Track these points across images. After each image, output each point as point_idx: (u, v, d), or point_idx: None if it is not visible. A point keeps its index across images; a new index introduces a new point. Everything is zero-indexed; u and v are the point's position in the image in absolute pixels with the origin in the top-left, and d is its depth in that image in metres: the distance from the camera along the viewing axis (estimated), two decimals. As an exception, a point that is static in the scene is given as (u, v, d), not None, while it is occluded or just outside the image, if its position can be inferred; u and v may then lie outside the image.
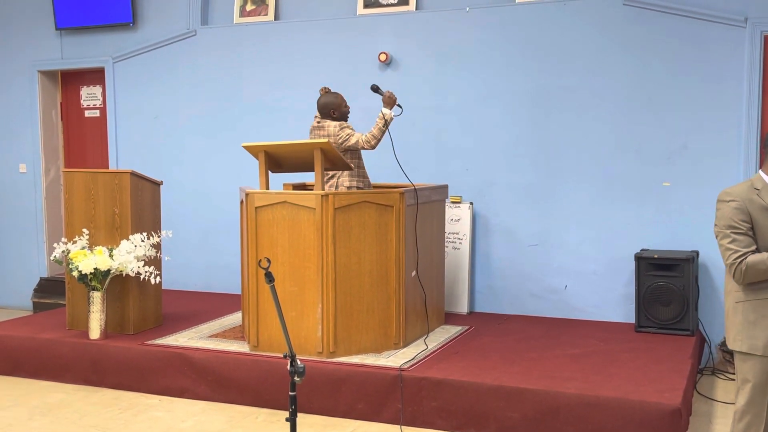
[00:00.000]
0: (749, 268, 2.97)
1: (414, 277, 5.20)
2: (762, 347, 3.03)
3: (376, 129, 5.03)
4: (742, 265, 2.98)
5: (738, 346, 3.10)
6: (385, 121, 5.03)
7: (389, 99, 5.10)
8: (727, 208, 3.04)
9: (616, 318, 5.88)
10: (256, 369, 4.83)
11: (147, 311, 5.68)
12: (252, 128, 6.89)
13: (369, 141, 5.04)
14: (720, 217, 3.07)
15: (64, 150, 7.99)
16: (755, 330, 3.05)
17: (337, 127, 5.14)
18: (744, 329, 3.08)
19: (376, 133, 5.03)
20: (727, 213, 3.04)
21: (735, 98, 5.52)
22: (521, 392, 4.27)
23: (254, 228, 4.93)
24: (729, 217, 3.03)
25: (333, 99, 5.26)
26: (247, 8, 6.99)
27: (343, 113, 5.29)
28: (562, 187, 6.00)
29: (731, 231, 3.02)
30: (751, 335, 3.06)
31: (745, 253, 2.98)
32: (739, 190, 3.07)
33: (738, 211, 3.02)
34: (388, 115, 5.05)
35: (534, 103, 6.04)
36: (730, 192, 3.08)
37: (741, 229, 3.01)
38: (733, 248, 3.01)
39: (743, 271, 2.98)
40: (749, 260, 2.97)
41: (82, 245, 5.42)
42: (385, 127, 5.03)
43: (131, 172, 5.51)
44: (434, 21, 6.30)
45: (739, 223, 3.01)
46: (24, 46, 7.75)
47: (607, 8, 5.80)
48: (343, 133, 5.11)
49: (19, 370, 5.53)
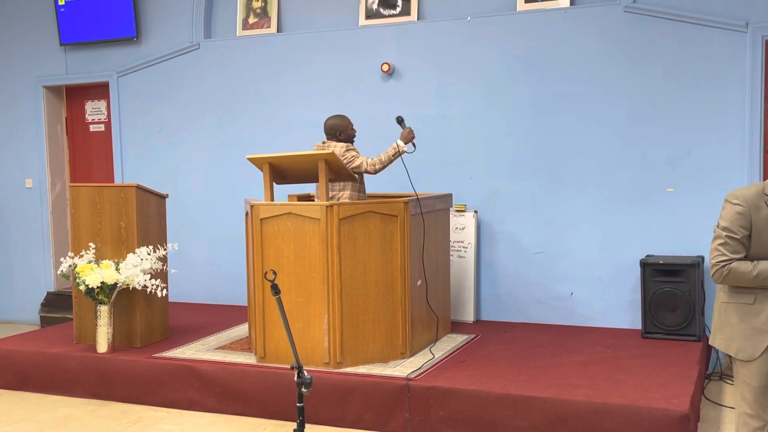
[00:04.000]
0: (732, 273, 3.05)
1: (419, 286, 5.21)
2: (735, 350, 3.12)
3: (385, 156, 5.15)
4: (725, 269, 3.06)
5: (718, 345, 3.21)
6: (396, 152, 5.15)
7: (408, 135, 5.25)
8: (731, 211, 3.06)
9: (622, 324, 5.87)
10: (263, 380, 4.84)
11: (154, 324, 5.69)
12: (256, 140, 6.92)
13: (374, 164, 5.13)
14: (722, 216, 3.10)
15: (69, 164, 8.03)
16: (733, 332, 3.14)
17: (342, 148, 5.19)
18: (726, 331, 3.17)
19: (383, 159, 5.14)
20: (730, 215, 3.06)
21: (737, 103, 5.52)
22: (529, 400, 4.26)
23: (260, 240, 4.95)
24: (729, 220, 3.06)
25: (340, 121, 5.32)
26: (249, 21, 7.03)
27: (350, 135, 5.35)
28: (567, 194, 6.00)
29: (726, 234, 3.06)
30: (730, 337, 3.15)
31: (731, 259, 3.05)
32: (748, 195, 3.06)
33: (740, 217, 3.04)
34: (401, 148, 5.19)
35: (537, 110, 6.06)
36: (738, 195, 3.08)
37: (736, 236, 3.05)
38: (722, 251, 3.07)
39: (724, 275, 3.07)
40: (734, 266, 3.04)
41: (88, 259, 5.44)
42: (394, 157, 5.16)
43: (137, 186, 5.53)
44: (436, 31, 6.33)
45: (737, 229, 3.05)
46: (29, 62, 7.81)
47: (608, 15, 5.82)
48: (348, 155, 5.16)
49: (28, 384, 5.55)
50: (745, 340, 3.09)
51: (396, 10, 6.52)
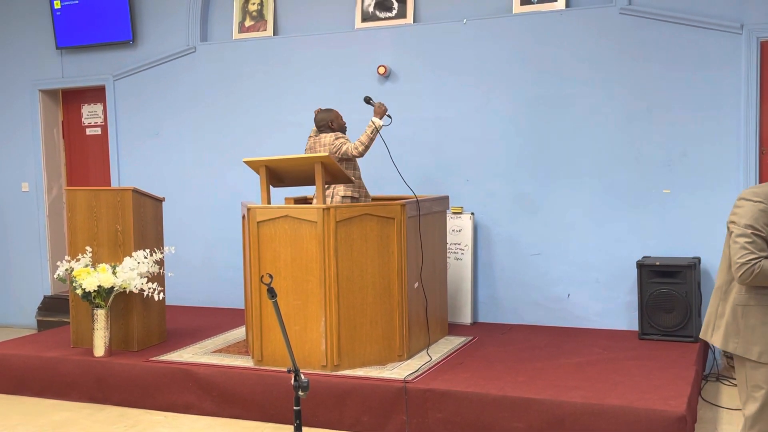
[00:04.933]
0: (762, 271, 2.96)
1: (417, 289, 5.21)
2: (758, 353, 3.03)
3: (365, 136, 5.22)
4: (756, 267, 2.96)
5: (732, 349, 3.11)
6: (373, 128, 5.23)
7: (379, 109, 5.35)
8: (753, 208, 3.00)
9: (619, 326, 5.88)
10: (260, 384, 4.84)
11: (151, 327, 5.69)
12: (252, 143, 6.92)
13: (357, 147, 5.21)
14: (742, 214, 3.02)
15: (66, 168, 8.02)
16: (754, 336, 3.05)
17: (332, 137, 5.32)
18: (744, 334, 3.08)
19: (363, 140, 5.21)
20: (752, 213, 3.00)
21: (733, 104, 5.54)
22: (526, 402, 4.27)
23: (256, 242, 4.95)
24: (753, 217, 2.99)
25: (328, 114, 5.47)
26: (246, 24, 7.03)
27: (341, 125, 5.48)
28: (563, 196, 6.01)
29: (752, 231, 2.99)
30: (749, 340, 3.06)
31: (759, 257, 2.97)
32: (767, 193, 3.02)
33: (764, 214, 2.98)
34: (377, 123, 5.27)
35: (533, 112, 6.07)
36: (758, 193, 3.03)
37: (762, 233, 2.98)
38: (750, 249, 2.98)
39: (754, 273, 2.97)
40: (764, 264, 2.96)
41: (85, 263, 5.44)
42: (373, 134, 5.23)
43: (133, 189, 5.53)
44: (432, 33, 6.33)
45: (762, 227, 2.98)
46: (25, 66, 7.80)
47: (604, 17, 5.84)
48: (337, 142, 5.28)
49: (25, 388, 5.54)
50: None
51: (392, 12, 6.53)
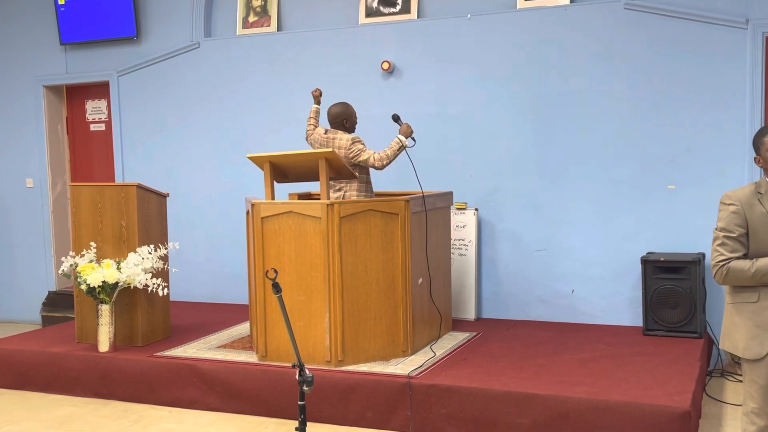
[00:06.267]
0: (731, 272, 3.09)
1: (420, 285, 5.21)
2: (742, 349, 3.12)
3: (391, 151, 5.17)
4: (724, 269, 3.11)
5: (725, 347, 3.23)
6: (400, 146, 5.19)
7: (407, 130, 5.29)
8: (726, 212, 3.13)
9: (623, 321, 5.87)
10: (265, 379, 4.84)
11: (155, 323, 5.70)
12: (256, 138, 6.92)
13: (382, 159, 5.14)
14: (719, 218, 3.17)
15: (70, 164, 8.03)
16: (739, 332, 3.15)
17: (349, 140, 5.20)
18: (732, 331, 3.19)
19: (390, 154, 5.16)
20: (725, 215, 3.13)
21: (737, 99, 5.52)
22: (530, 398, 4.27)
23: (261, 238, 4.95)
24: (725, 220, 3.13)
25: (344, 109, 5.34)
26: (249, 20, 7.02)
27: (353, 123, 5.39)
28: (567, 192, 6.00)
29: (723, 234, 3.12)
30: (736, 337, 3.16)
31: (729, 258, 3.10)
32: (741, 195, 3.14)
33: (735, 216, 3.11)
34: (403, 142, 5.24)
35: (537, 107, 6.06)
36: (731, 195, 3.15)
37: (733, 234, 3.10)
38: (720, 251, 3.13)
39: (724, 275, 3.12)
40: (732, 265, 3.09)
41: (89, 258, 5.45)
42: (399, 151, 5.20)
43: (137, 185, 5.53)
44: (436, 29, 6.32)
45: (733, 228, 3.11)
46: (29, 62, 7.81)
47: (609, 12, 5.82)
48: (354, 148, 5.17)
49: (29, 384, 5.55)
50: (752, 338, 3.10)
51: (396, 8, 6.52)
